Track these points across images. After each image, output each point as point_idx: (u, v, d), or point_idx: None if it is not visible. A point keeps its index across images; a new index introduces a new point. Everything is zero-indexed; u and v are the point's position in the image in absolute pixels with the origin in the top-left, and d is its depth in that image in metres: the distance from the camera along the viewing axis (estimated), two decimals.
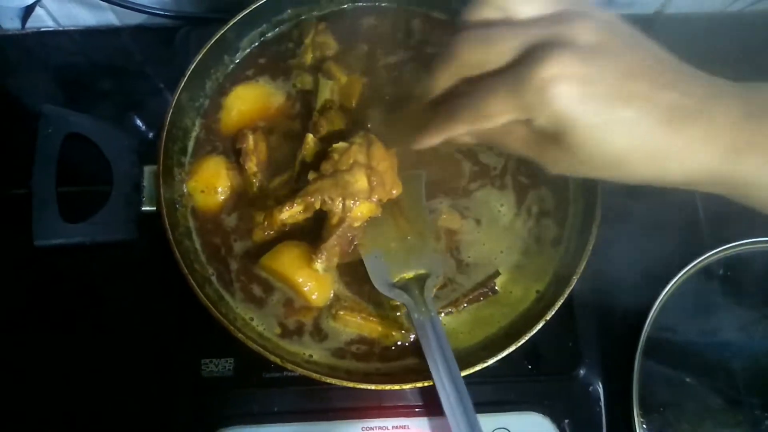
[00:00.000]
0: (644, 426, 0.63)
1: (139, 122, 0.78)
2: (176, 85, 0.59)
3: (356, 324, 0.58)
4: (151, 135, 0.77)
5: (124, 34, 0.81)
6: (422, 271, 0.57)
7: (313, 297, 0.57)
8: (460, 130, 0.42)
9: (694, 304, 0.69)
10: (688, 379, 0.66)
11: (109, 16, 0.78)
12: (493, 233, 0.61)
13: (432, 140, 0.44)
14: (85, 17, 0.78)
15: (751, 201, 0.39)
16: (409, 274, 0.57)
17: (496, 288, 0.59)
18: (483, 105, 0.39)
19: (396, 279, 0.57)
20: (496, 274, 0.60)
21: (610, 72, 0.36)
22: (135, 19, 0.78)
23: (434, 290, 0.57)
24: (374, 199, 0.53)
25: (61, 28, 0.80)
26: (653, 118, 0.37)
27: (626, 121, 0.37)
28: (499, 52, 0.39)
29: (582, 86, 0.36)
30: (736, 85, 0.39)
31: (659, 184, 0.40)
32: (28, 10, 0.75)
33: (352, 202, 0.52)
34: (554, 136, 0.38)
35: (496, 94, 0.38)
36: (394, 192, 0.55)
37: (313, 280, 0.57)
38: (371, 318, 0.58)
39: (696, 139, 0.37)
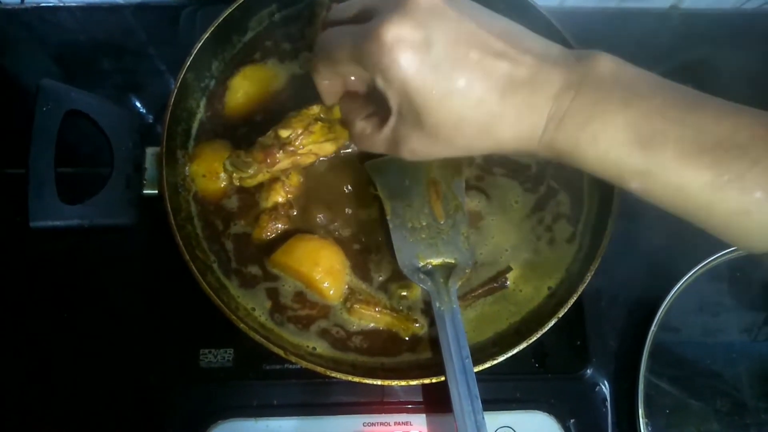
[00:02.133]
0: (649, 427, 0.63)
1: (138, 104, 0.76)
2: (181, 65, 0.57)
3: (371, 317, 0.56)
4: (150, 118, 0.76)
5: (127, 11, 0.78)
6: (450, 260, 0.56)
7: (330, 293, 0.56)
8: (320, 68, 0.44)
9: (701, 305, 0.69)
10: (694, 381, 0.66)
11: None
12: (502, 223, 0.60)
13: (315, 74, 0.45)
14: None
15: (583, 168, 0.40)
16: (437, 261, 0.56)
17: (507, 283, 0.58)
18: (331, 45, 0.41)
19: (422, 263, 0.56)
20: (508, 269, 0.59)
21: (444, 37, 0.37)
22: None
23: (459, 282, 0.55)
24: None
25: (61, 4, 0.78)
26: (485, 86, 0.38)
27: (459, 89, 0.38)
28: (354, 12, 0.42)
29: (417, 52, 0.37)
30: (566, 53, 0.40)
31: (499, 153, 0.41)
32: None
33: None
34: (399, 111, 0.40)
35: (342, 40, 0.40)
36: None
37: (330, 276, 0.56)
38: (386, 310, 0.56)
39: (523, 108, 0.38)
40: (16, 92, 0.76)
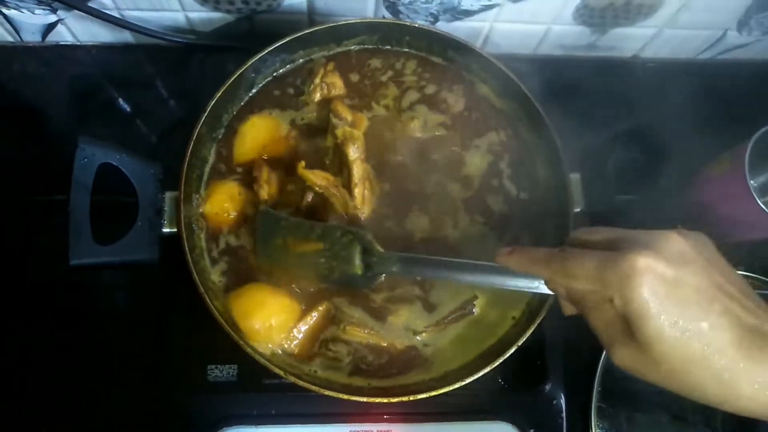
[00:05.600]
0: None
1: (145, 130, 0.83)
2: (193, 113, 0.64)
3: (363, 337, 0.63)
4: (153, 138, 0.83)
5: (140, 51, 0.85)
6: (353, 247, 0.59)
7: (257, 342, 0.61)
8: (542, 274, 0.49)
9: None
10: (640, 396, 0.73)
11: (126, 35, 0.83)
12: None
13: (509, 262, 0.51)
14: (104, 35, 0.83)
15: None
16: (355, 264, 0.59)
17: (474, 310, 0.65)
18: (572, 264, 0.45)
19: (358, 269, 0.59)
20: (474, 297, 0.65)
21: (694, 281, 0.40)
22: (151, 39, 0.82)
23: (372, 240, 0.59)
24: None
25: (78, 43, 0.84)
26: (729, 335, 0.39)
27: (702, 330, 0.39)
28: (599, 238, 0.46)
29: (665, 285, 0.40)
30: None
31: (729, 409, 0.41)
32: (50, 27, 0.80)
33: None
34: (631, 326, 0.41)
35: (586, 261, 0.44)
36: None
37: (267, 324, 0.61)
38: (375, 331, 0.63)
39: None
40: (35, 123, 0.82)
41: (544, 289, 0.51)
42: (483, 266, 0.54)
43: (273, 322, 0.61)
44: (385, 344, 0.63)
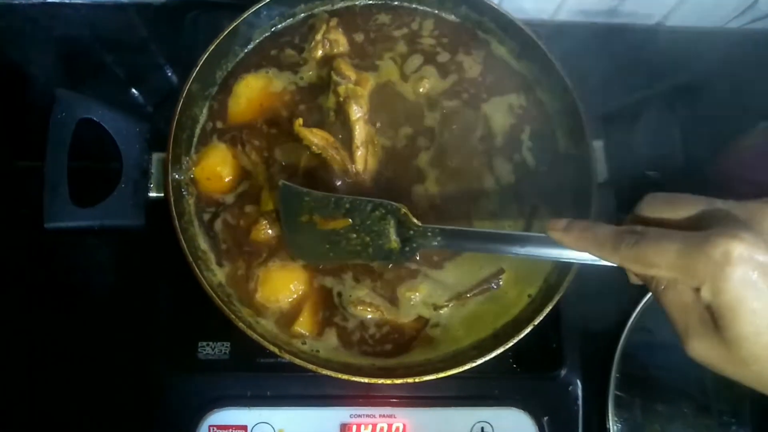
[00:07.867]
0: (618, 425, 0.67)
1: (139, 97, 0.79)
2: (187, 74, 0.59)
3: (375, 312, 0.59)
4: (149, 108, 0.78)
5: (131, 10, 0.80)
6: (396, 213, 0.54)
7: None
8: (610, 259, 0.41)
9: None
10: (661, 384, 0.70)
11: None
12: None
13: (565, 240, 0.44)
14: None
15: None
16: (391, 239, 0.55)
17: (500, 284, 0.61)
18: (648, 251, 0.38)
19: (394, 245, 0.54)
20: (501, 271, 0.61)
21: None
22: None
23: (408, 212, 0.53)
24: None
25: (67, 1, 0.79)
26: None
27: None
28: (680, 216, 0.39)
29: (763, 275, 0.34)
30: None
31: None
32: None
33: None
34: (716, 320, 0.36)
35: (666, 247, 0.37)
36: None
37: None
38: (384, 308, 0.59)
39: None
40: (19, 86, 0.77)
41: (604, 262, 0.44)
42: (531, 237, 0.48)
43: (283, 291, 0.59)
44: (398, 320, 0.59)
